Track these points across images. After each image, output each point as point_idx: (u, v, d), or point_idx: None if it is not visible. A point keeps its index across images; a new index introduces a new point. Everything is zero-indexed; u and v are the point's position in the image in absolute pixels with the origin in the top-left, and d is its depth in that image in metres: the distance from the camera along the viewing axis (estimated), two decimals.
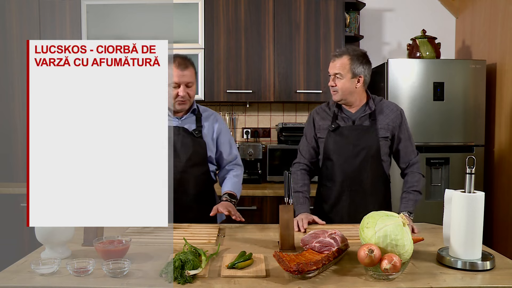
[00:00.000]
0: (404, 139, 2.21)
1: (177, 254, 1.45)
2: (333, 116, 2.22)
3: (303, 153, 2.30)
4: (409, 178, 2.19)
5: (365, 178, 2.17)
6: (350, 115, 2.21)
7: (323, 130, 2.23)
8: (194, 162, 2.18)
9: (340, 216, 2.19)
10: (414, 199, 2.13)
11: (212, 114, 2.29)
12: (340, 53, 2.16)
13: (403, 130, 2.21)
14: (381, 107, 2.21)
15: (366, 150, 2.15)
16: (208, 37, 3.32)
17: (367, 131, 2.17)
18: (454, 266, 1.50)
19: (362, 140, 2.16)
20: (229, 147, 2.30)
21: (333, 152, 2.19)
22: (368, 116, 2.19)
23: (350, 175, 2.17)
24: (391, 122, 2.19)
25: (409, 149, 2.21)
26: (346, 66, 2.12)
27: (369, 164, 2.16)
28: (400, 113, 2.22)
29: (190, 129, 2.20)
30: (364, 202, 2.17)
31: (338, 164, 2.18)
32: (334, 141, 2.19)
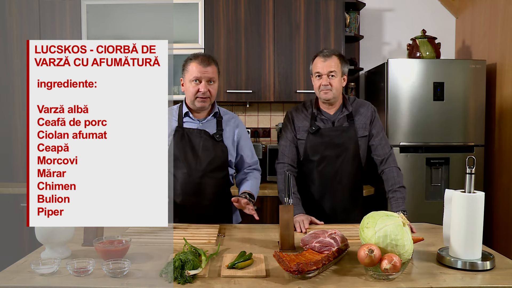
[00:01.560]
0: (376, 133, 2.24)
1: (177, 254, 1.45)
2: (312, 118, 2.23)
3: (286, 153, 2.28)
4: (388, 175, 2.20)
5: (346, 179, 2.21)
6: (329, 116, 2.23)
7: (303, 132, 2.24)
8: (215, 166, 2.14)
9: (322, 216, 2.17)
10: (402, 196, 2.15)
11: (233, 118, 2.24)
12: (330, 53, 2.19)
13: (376, 125, 2.25)
14: (357, 107, 2.26)
15: (346, 151, 2.20)
16: (208, 37, 3.32)
17: (347, 131, 2.21)
18: (454, 266, 1.50)
19: (342, 141, 2.20)
20: (250, 151, 2.27)
21: (314, 154, 2.21)
22: (346, 117, 2.22)
23: (331, 176, 2.20)
24: (367, 120, 2.24)
25: (383, 142, 2.25)
26: (338, 65, 2.17)
27: (350, 164, 2.20)
28: (373, 110, 2.27)
29: (211, 132, 2.15)
30: (345, 201, 2.22)
31: (319, 166, 2.21)
32: (314, 143, 2.21)
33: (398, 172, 2.20)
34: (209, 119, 2.18)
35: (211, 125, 2.18)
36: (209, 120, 2.18)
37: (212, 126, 2.18)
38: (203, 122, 2.17)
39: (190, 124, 2.16)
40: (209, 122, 2.18)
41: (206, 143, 2.13)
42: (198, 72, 2.06)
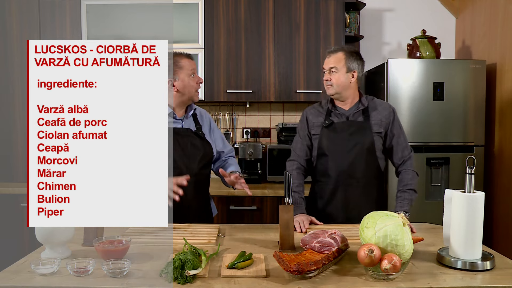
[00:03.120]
0: (397, 135, 2.23)
1: (177, 254, 1.45)
2: (327, 113, 2.25)
3: (297, 151, 2.30)
4: (403, 176, 2.21)
5: (359, 173, 2.19)
6: (344, 111, 2.24)
7: (317, 127, 2.25)
8: (205, 163, 2.18)
9: (335, 211, 2.20)
10: (409, 198, 2.14)
11: (203, 112, 2.31)
12: (336, 49, 2.23)
13: (396, 126, 2.24)
14: (374, 104, 2.26)
15: (361, 145, 2.18)
16: (208, 37, 3.32)
17: (361, 126, 2.20)
18: (454, 266, 1.50)
19: (356, 135, 2.19)
20: (222, 141, 2.32)
21: (328, 148, 2.21)
22: (361, 112, 2.22)
23: (344, 170, 2.19)
24: (384, 118, 2.22)
25: (402, 144, 2.24)
26: (341, 61, 2.18)
27: (364, 159, 2.19)
28: (392, 110, 2.26)
29: (193, 129, 2.20)
30: (359, 197, 2.19)
31: (333, 159, 2.20)
32: (328, 136, 2.21)
33: (414, 175, 2.19)
34: (187, 115, 2.21)
35: (191, 122, 2.22)
36: (189, 117, 2.22)
37: (191, 123, 2.22)
38: (185, 120, 2.20)
39: (174, 124, 2.17)
40: (189, 120, 2.22)
41: (194, 141, 2.16)
42: (192, 65, 2.15)
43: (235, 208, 3.04)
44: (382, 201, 2.28)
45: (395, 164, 2.26)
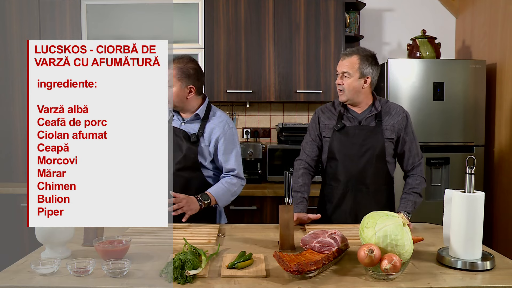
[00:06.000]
0: (409, 141, 2.21)
1: (177, 254, 1.45)
2: (339, 116, 2.22)
3: (307, 151, 2.28)
4: (410, 180, 2.20)
5: (369, 178, 2.17)
6: (356, 115, 2.21)
7: (328, 130, 2.23)
8: (183, 166, 2.17)
9: (344, 215, 2.19)
10: (413, 200, 2.13)
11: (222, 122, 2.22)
12: (350, 52, 2.17)
13: (409, 132, 2.21)
14: (388, 109, 2.22)
15: (372, 150, 2.15)
16: (208, 37, 3.32)
17: (373, 131, 2.17)
18: (454, 266, 1.50)
19: (367, 140, 2.16)
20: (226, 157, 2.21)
21: (338, 152, 2.19)
22: (374, 117, 2.19)
23: (354, 175, 2.17)
24: (396, 124, 2.19)
25: (414, 151, 2.21)
26: (355, 66, 2.14)
27: (374, 164, 2.16)
28: (406, 116, 2.22)
29: (191, 132, 2.19)
30: (368, 202, 2.16)
31: (343, 164, 2.18)
32: (339, 140, 2.19)
33: (422, 181, 2.19)
34: (192, 118, 2.22)
35: (194, 126, 2.21)
36: (193, 120, 2.22)
37: (194, 126, 2.21)
38: (186, 122, 2.22)
39: (175, 123, 2.23)
40: (192, 123, 2.22)
41: (180, 142, 2.17)
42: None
43: (235, 208, 3.03)
44: (391, 207, 2.25)
45: (404, 169, 2.25)
